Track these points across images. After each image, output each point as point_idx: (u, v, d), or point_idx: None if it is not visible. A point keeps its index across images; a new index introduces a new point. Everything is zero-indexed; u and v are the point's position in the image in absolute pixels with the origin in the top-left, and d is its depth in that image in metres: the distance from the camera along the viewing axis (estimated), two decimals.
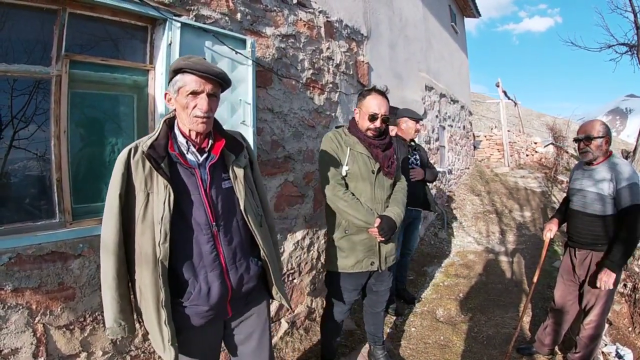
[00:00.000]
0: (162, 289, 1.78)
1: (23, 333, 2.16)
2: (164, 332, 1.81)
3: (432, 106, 8.79)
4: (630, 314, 4.61)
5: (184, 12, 2.93)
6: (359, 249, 3.02)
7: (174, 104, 1.89)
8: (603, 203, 3.24)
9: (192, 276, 1.89)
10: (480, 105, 27.52)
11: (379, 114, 2.95)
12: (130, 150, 1.83)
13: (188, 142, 1.92)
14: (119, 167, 1.80)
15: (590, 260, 3.32)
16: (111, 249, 1.81)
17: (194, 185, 1.90)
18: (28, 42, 2.36)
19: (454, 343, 4.11)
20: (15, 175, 2.35)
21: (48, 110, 2.41)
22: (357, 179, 2.98)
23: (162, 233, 1.76)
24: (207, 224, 1.90)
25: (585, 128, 3.34)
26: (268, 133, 3.71)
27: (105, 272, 1.84)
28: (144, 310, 1.87)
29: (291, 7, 3.99)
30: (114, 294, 1.84)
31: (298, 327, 4.14)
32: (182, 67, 1.82)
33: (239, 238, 2.03)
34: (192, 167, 1.91)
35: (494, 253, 7.23)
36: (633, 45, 7.85)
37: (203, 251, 1.90)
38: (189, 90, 1.81)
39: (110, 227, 1.80)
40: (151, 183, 1.80)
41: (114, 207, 1.79)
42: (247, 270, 2.05)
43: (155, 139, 1.85)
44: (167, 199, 1.77)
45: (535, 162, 16.33)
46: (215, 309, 1.96)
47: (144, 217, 1.80)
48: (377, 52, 5.93)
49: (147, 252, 1.79)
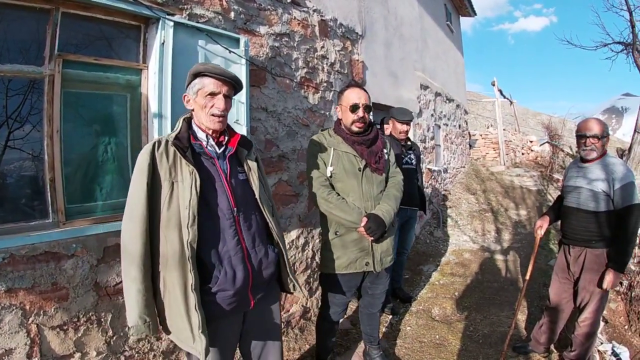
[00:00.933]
0: (192, 272, 1.85)
1: (17, 333, 2.16)
2: (193, 320, 1.87)
3: (427, 105, 8.79)
4: (626, 312, 4.62)
5: (177, 11, 2.92)
6: (352, 249, 2.97)
7: (193, 105, 2.07)
8: (597, 200, 3.25)
9: (217, 261, 1.99)
10: (476, 104, 27.56)
11: (359, 103, 2.92)
12: (155, 143, 1.95)
13: (207, 137, 2.09)
14: (145, 158, 1.90)
15: (584, 257, 3.32)
16: (137, 240, 1.87)
17: (216, 174, 2.06)
18: (21, 42, 2.36)
19: (449, 342, 4.11)
20: (8, 175, 2.34)
21: (42, 110, 2.41)
22: (343, 178, 2.94)
23: (190, 216, 1.87)
24: (229, 209, 2.03)
25: (591, 125, 3.31)
26: (262, 132, 3.70)
27: (130, 263, 1.89)
28: (168, 304, 1.94)
29: (285, 5, 3.98)
30: (139, 287, 1.88)
31: (293, 327, 4.13)
32: (201, 71, 2.03)
33: (257, 225, 2.17)
34: (213, 157, 2.08)
35: (490, 252, 7.24)
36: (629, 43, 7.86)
37: (226, 236, 2.02)
38: (207, 91, 2.01)
39: (136, 217, 1.88)
40: (175, 172, 1.93)
41: (141, 197, 1.88)
42: (265, 255, 2.17)
43: (178, 132, 2.02)
44: (193, 183, 1.90)
45: (531, 160, 16.37)
46: (239, 294, 2.05)
47: (169, 205, 1.91)
48: (372, 51, 5.92)
49: (173, 240, 1.88)
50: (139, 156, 1.93)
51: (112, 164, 2.73)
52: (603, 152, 3.33)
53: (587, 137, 3.29)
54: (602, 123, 3.32)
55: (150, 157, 1.90)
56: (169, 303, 1.94)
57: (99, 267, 2.49)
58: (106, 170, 2.69)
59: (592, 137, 3.27)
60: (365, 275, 3.17)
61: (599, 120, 3.36)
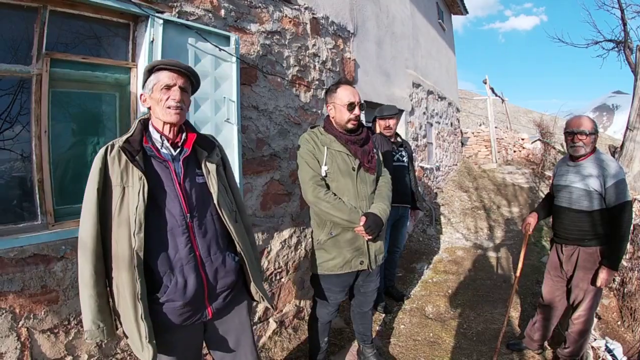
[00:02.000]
0: (138, 280, 1.80)
1: (7, 337, 2.13)
2: (141, 328, 1.82)
3: (419, 103, 8.80)
4: (619, 308, 4.64)
5: (167, 9, 2.90)
6: (347, 249, 2.96)
7: (149, 103, 2.00)
8: (590, 199, 3.24)
9: (167, 269, 1.92)
10: (468, 102, 27.64)
11: (355, 101, 2.91)
12: (107, 147, 1.89)
13: (162, 138, 2.00)
14: (97, 163, 1.85)
15: (577, 255, 3.33)
16: (88, 245, 1.82)
17: (168, 178, 1.96)
18: (9, 41, 2.33)
19: (443, 340, 4.11)
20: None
21: (30, 110, 2.38)
22: (338, 177, 2.92)
23: (137, 223, 1.80)
24: (181, 215, 1.95)
25: (579, 122, 3.31)
26: (253, 131, 3.68)
27: (82, 269, 1.84)
28: (122, 309, 1.88)
29: (276, 3, 3.96)
30: (91, 292, 1.84)
31: (287, 326, 4.12)
32: (155, 65, 1.99)
33: (214, 231, 2.08)
34: (166, 160, 1.98)
35: (483, 249, 7.26)
36: (620, 41, 7.91)
37: (178, 243, 1.94)
38: (162, 84, 1.95)
39: (88, 222, 1.83)
40: (127, 177, 1.85)
41: (92, 202, 1.83)
42: (223, 264, 2.08)
43: (130, 135, 1.94)
44: (141, 189, 1.82)
45: (523, 158, 16.42)
46: (192, 304, 1.98)
47: (120, 210, 1.84)
48: (363, 49, 5.91)
49: (123, 246, 1.82)
50: (94, 161, 1.87)
51: None
52: (592, 149, 3.32)
53: (575, 134, 3.29)
54: (591, 120, 3.32)
55: (102, 161, 1.85)
56: (123, 309, 1.88)
57: None
58: None
59: (580, 134, 3.26)
60: (358, 275, 3.16)
61: (587, 117, 3.36)
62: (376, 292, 3.38)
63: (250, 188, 3.69)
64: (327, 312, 3.21)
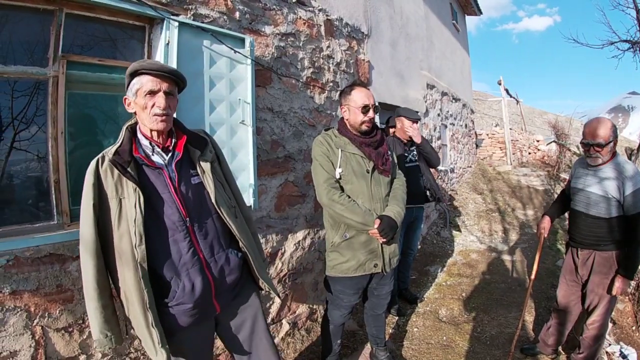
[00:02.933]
0: (145, 290, 1.81)
1: (22, 336, 2.16)
2: (153, 334, 1.84)
3: (433, 104, 8.76)
4: (634, 313, 4.58)
5: (182, 11, 2.91)
6: (361, 251, 2.94)
7: (134, 107, 1.93)
8: (608, 205, 3.15)
9: (174, 275, 1.93)
10: (482, 103, 27.49)
11: (369, 104, 2.89)
12: (98, 160, 1.86)
13: (152, 144, 1.96)
14: (89, 178, 1.83)
15: (593, 260, 3.27)
16: (89, 260, 1.84)
17: (163, 185, 1.94)
18: (26, 44, 2.36)
19: (456, 343, 4.08)
20: (14, 177, 2.34)
21: (47, 112, 2.40)
22: (352, 180, 2.90)
23: (137, 235, 1.80)
24: (181, 220, 1.94)
25: (594, 132, 3.13)
26: (268, 133, 3.69)
27: (85, 283, 1.86)
28: (132, 315, 1.90)
29: (291, 5, 3.97)
30: (96, 305, 1.86)
31: (299, 328, 4.12)
32: (137, 69, 1.89)
33: (215, 231, 2.08)
34: (159, 167, 1.96)
35: (497, 252, 7.20)
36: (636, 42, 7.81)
37: (181, 248, 1.94)
38: (146, 90, 1.87)
39: (86, 237, 1.83)
40: (122, 189, 1.84)
41: (89, 218, 1.82)
42: (227, 262, 2.10)
43: (119, 145, 1.89)
44: (137, 201, 1.81)
45: (538, 160, 16.31)
46: (200, 305, 2.00)
47: (119, 223, 1.83)
48: (378, 51, 5.90)
49: (127, 257, 1.82)
50: (85, 176, 1.85)
51: None
52: (612, 154, 3.21)
53: (591, 146, 3.16)
54: (608, 127, 3.12)
55: (95, 175, 1.83)
56: (133, 316, 1.90)
57: None
58: None
59: (596, 146, 3.13)
60: (371, 277, 3.15)
61: (604, 124, 3.14)
62: (390, 295, 3.35)
63: (264, 189, 3.69)
64: (340, 314, 3.19)
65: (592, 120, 3.22)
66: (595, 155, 3.16)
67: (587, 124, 3.23)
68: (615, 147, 3.22)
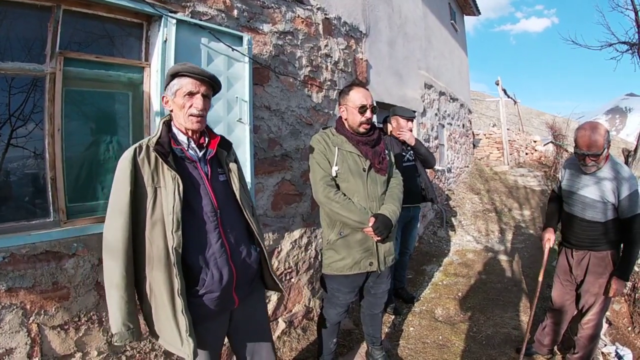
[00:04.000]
0: (177, 277, 1.88)
1: (17, 333, 2.15)
2: (180, 323, 1.91)
3: (431, 104, 8.76)
4: (630, 314, 4.59)
5: (180, 9, 2.91)
6: (356, 249, 2.96)
7: (171, 106, 2.06)
8: (604, 209, 3.15)
9: (203, 263, 2.01)
10: (480, 103, 27.51)
11: (367, 104, 2.92)
12: (136, 149, 1.94)
13: (188, 139, 2.09)
14: (126, 165, 1.89)
15: (588, 260, 3.27)
16: (120, 248, 1.87)
17: (198, 177, 2.07)
18: (23, 40, 2.35)
19: (452, 343, 4.09)
20: (10, 174, 2.34)
21: (44, 109, 2.40)
22: (349, 178, 2.92)
23: (174, 222, 1.89)
24: (213, 211, 2.06)
25: (588, 142, 3.05)
26: (265, 131, 3.68)
27: (111, 272, 1.89)
28: (155, 307, 1.96)
29: (289, 3, 3.96)
30: (122, 294, 1.88)
31: (296, 327, 4.12)
32: (179, 71, 2.02)
33: (238, 226, 2.20)
34: (194, 160, 2.08)
35: (493, 252, 7.21)
36: (634, 43, 7.82)
37: (211, 239, 2.04)
38: (185, 91, 2.00)
39: (118, 225, 1.88)
40: (158, 178, 1.93)
41: (124, 205, 1.88)
42: (248, 255, 2.20)
43: (159, 137, 1.99)
44: (176, 189, 1.91)
45: (535, 160, 16.33)
46: (224, 296, 2.08)
47: (153, 211, 1.91)
48: (376, 50, 5.90)
49: (158, 245, 1.89)
50: (120, 163, 1.92)
51: (113, 163, 2.68)
52: (606, 157, 3.16)
53: (587, 156, 3.10)
54: (602, 135, 3.04)
55: (132, 163, 1.90)
56: (155, 307, 1.95)
57: (100, 266, 2.46)
58: (108, 169, 2.68)
59: (591, 156, 3.08)
60: (368, 276, 3.15)
61: (597, 132, 3.05)
62: (387, 294, 3.36)
63: (261, 188, 3.69)
64: (335, 312, 3.20)
65: (585, 127, 3.14)
66: (592, 164, 3.13)
67: (580, 133, 3.14)
68: (609, 149, 3.17)
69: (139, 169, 1.91)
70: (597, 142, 3.02)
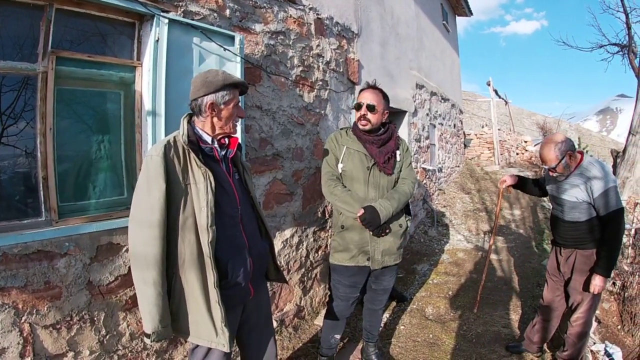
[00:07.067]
0: (213, 269, 1.99)
1: (9, 333, 2.14)
2: (215, 314, 2.01)
3: (422, 104, 8.79)
4: (619, 312, 4.65)
5: (172, 8, 2.91)
6: (351, 246, 3.11)
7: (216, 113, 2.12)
8: (580, 209, 3.26)
9: (230, 256, 2.12)
10: (471, 103, 27.65)
11: (361, 102, 3.06)
12: (165, 145, 2.00)
13: (212, 140, 2.18)
14: (159, 163, 1.94)
15: (574, 257, 3.35)
16: (156, 246, 1.92)
17: (223, 174, 2.19)
18: (15, 38, 2.33)
19: (442, 341, 4.12)
20: (1, 173, 2.32)
21: (35, 107, 2.39)
22: (353, 175, 3.09)
23: (209, 217, 1.99)
24: (236, 207, 2.20)
25: (544, 158, 3.24)
26: (256, 130, 3.69)
27: (145, 269, 1.93)
28: (186, 303, 2.04)
29: (281, 3, 3.97)
30: (160, 290, 1.94)
31: (287, 326, 4.13)
32: (236, 82, 2.15)
33: (253, 221, 2.36)
34: (219, 159, 2.21)
35: (484, 251, 7.24)
36: (624, 45, 7.91)
37: (236, 233, 2.19)
38: (237, 102, 2.18)
39: (155, 223, 1.93)
40: (187, 175, 2.02)
41: (160, 202, 1.93)
42: (262, 249, 2.38)
43: (187, 135, 2.06)
44: (209, 186, 2.01)
45: (526, 160, 16.44)
46: (245, 286, 2.23)
47: (184, 208, 2.00)
48: (368, 50, 5.92)
49: (190, 241, 2.00)
50: (150, 161, 1.95)
51: (105, 162, 2.71)
52: (578, 161, 3.27)
53: (549, 170, 3.28)
54: (551, 149, 3.17)
55: (165, 160, 1.95)
56: (187, 303, 2.02)
57: (92, 265, 2.47)
58: (100, 169, 2.68)
59: (551, 170, 3.26)
60: (370, 273, 3.26)
61: (548, 148, 3.20)
62: (387, 293, 3.46)
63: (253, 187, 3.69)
64: (337, 304, 3.30)
65: (542, 143, 3.37)
66: (557, 175, 3.28)
67: (540, 148, 3.35)
68: (575, 157, 3.25)
69: (170, 166, 1.97)
70: (548, 157, 3.21)
